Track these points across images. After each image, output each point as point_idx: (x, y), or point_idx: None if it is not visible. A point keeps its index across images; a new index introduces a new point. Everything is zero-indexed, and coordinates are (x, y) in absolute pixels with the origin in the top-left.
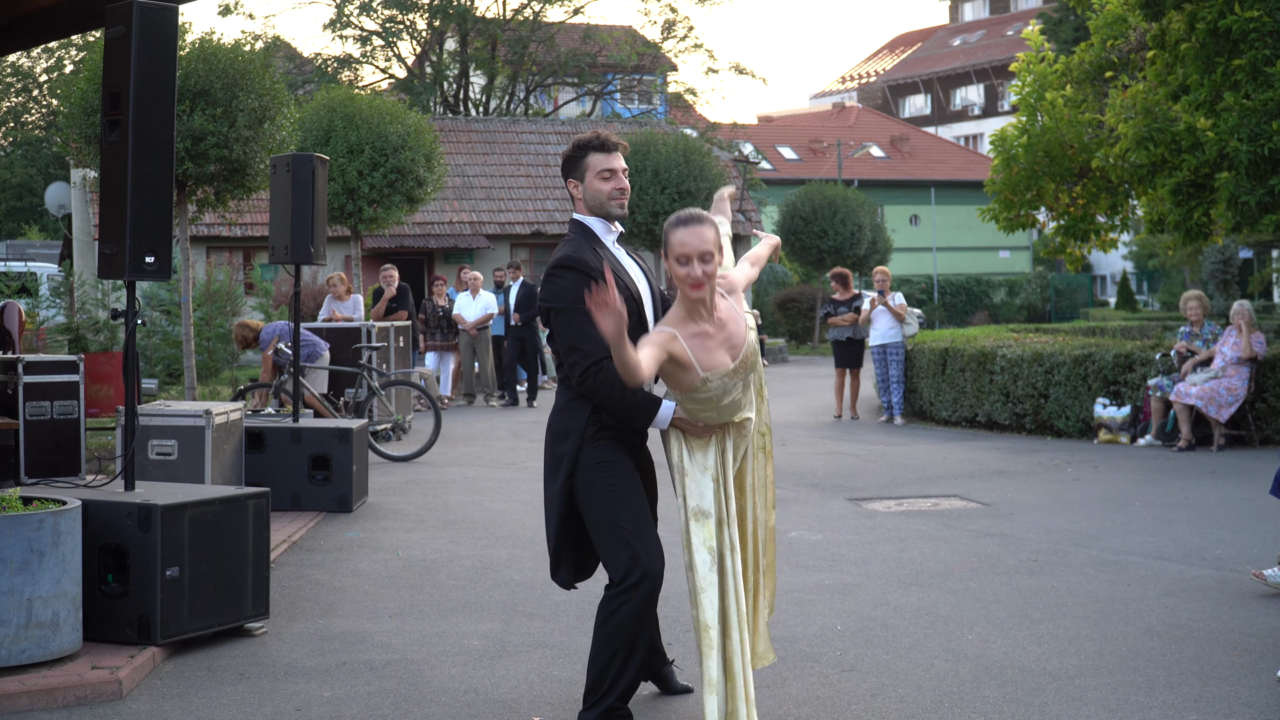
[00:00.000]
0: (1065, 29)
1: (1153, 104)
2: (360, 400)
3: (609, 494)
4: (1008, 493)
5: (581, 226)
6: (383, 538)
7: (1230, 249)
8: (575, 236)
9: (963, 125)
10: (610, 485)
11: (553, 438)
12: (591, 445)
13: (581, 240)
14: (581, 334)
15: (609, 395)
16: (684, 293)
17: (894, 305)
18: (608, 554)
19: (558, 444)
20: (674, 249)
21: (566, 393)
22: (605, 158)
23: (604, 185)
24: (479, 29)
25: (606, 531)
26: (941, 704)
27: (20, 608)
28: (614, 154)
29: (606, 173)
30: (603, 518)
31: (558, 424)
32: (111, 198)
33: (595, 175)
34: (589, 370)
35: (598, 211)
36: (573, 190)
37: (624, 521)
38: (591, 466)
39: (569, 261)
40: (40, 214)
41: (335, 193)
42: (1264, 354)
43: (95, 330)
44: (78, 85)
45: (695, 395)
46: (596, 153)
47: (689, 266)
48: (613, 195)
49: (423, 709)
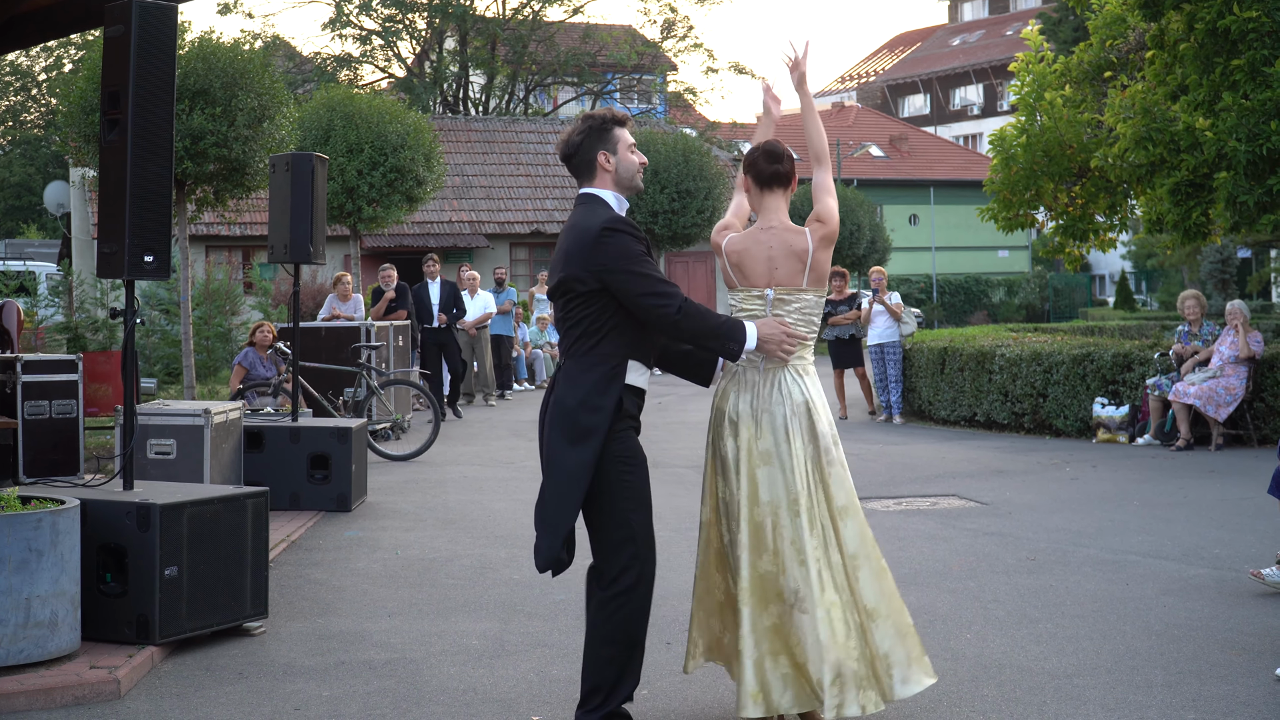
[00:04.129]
0: (1064, 29)
1: (1151, 104)
2: (359, 399)
3: (628, 490)
4: (1006, 492)
5: (599, 200)
6: (382, 537)
7: (1229, 249)
8: (603, 209)
9: (962, 125)
10: (629, 482)
11: (578, 408)
12: (614, 438)
13: (612, 210)
14: (659, 280)
15: (705, 323)
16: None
17: (891, 304)
18: (609, 548)
19: (585, 414)
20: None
21: (592, 366)
22: (627, 132)
23: (634, 158)
24: (479, 28)
25: (616, 527)
26: (940, 703)
27: (18, 607)
28: (629, 130)
29: (633, 146)
30: (617, 511)
31: (584, 398)
32: (110, 197)
33: (627, 148)
34: (684, 305)
35: (626, 184)
36: (603, 163)
37: (635, 521)
38: (615, 460)
39: (618, 224)
40: (39, 213)
41: (334, 192)
42: (1262, 353)
43: (94, 329)
44: (77, 84)
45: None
46: (620, 127)
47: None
48: (639, 169)
49: (421, 708)
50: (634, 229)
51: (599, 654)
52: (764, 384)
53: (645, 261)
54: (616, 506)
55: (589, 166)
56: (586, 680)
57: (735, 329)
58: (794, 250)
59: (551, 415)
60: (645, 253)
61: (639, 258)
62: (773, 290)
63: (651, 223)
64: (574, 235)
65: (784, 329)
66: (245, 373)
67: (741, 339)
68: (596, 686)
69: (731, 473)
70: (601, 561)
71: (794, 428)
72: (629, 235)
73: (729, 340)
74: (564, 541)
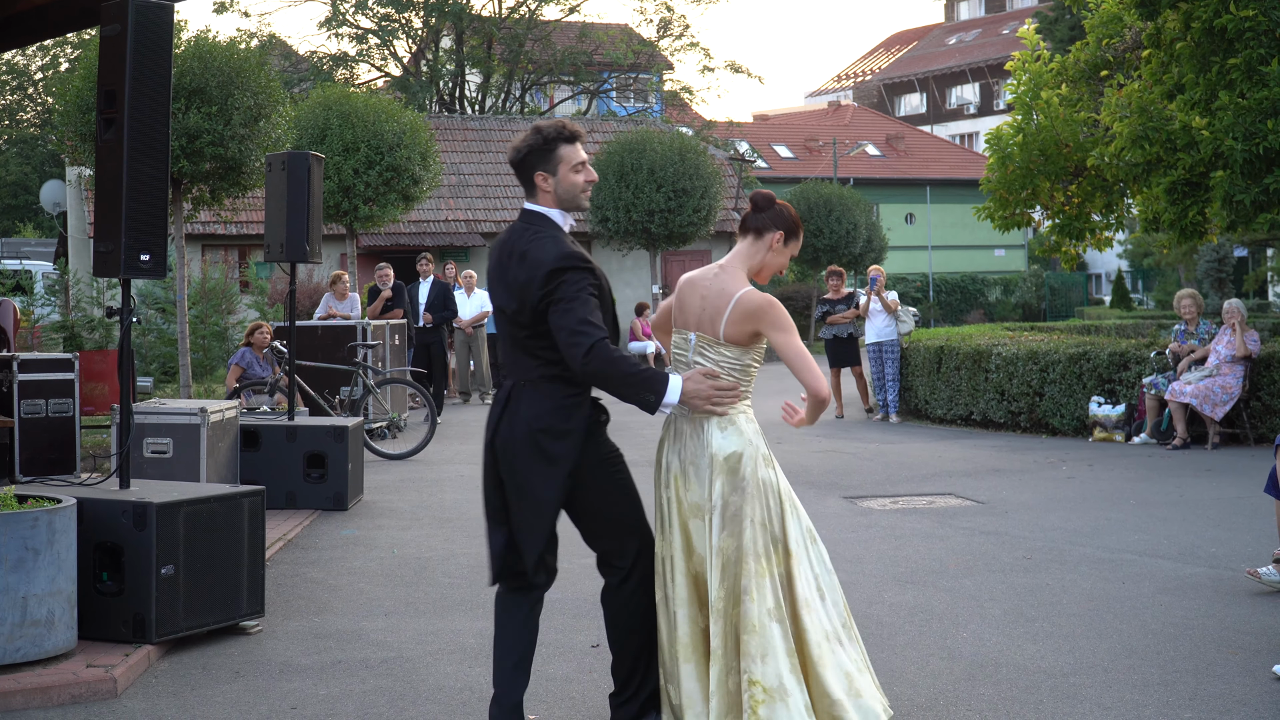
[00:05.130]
0: (1061, 28)
1: (1148, 103)
2: (355, 398)
3: (623, 487)
4: (1003, 491)
5: (544, 218)
6: (378, 536)
7: (1225, 247)
8: (549, 231)
9: (958, 124)
10: (621, 480)
11: (543, 434)
12: (594, 442)
13: (560, 235)
14: (582, 320)
15: (615, 370)
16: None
17: (887, 299)
18: (618, 542)
19: (551, 441)
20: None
21: (557, 390)
22: (575, 149)
23: (577, 178)
24: (475, 27)
25: (619, 524)
26: (936, 702)
27: (15, 606)
28: (580, 145)
29: (579, 165)
30: (617, 509)
31: (548, 422)
32: (107, 195)
33: (569, 168)
34: (595, 348)
35: (568, 204)
36: (540, 183)
37: (634, 512)
38: (602, 462)
39: (569, 262)
40: (35, 212)
41: (331, 191)
42: (1258, 352)
43: (90, 328)
44: (73, 83)
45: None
46: (567, 145)
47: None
48: (585, 189)
49: (418, 707)
50: (584, 263)
51: (628, 644)
52: (692, 434)
53: (581, 299)
54: (617, 503)
55: (529, 183)
56: (619, 671)
57: (653, 381)
58: (724, 295)
59: (516, 439)
60: (592, 287)
61: (578, 295)
62: (695, 335)
63: (648, 221)
64: (526, 267)
65: (712, 384)
66: (242, 372)
67: (660, 391)
68: (633, 672)
69: (666, 525)
70: (616, 555)
71: (714, 480)
72: (580, 271)
73: (643, 391)
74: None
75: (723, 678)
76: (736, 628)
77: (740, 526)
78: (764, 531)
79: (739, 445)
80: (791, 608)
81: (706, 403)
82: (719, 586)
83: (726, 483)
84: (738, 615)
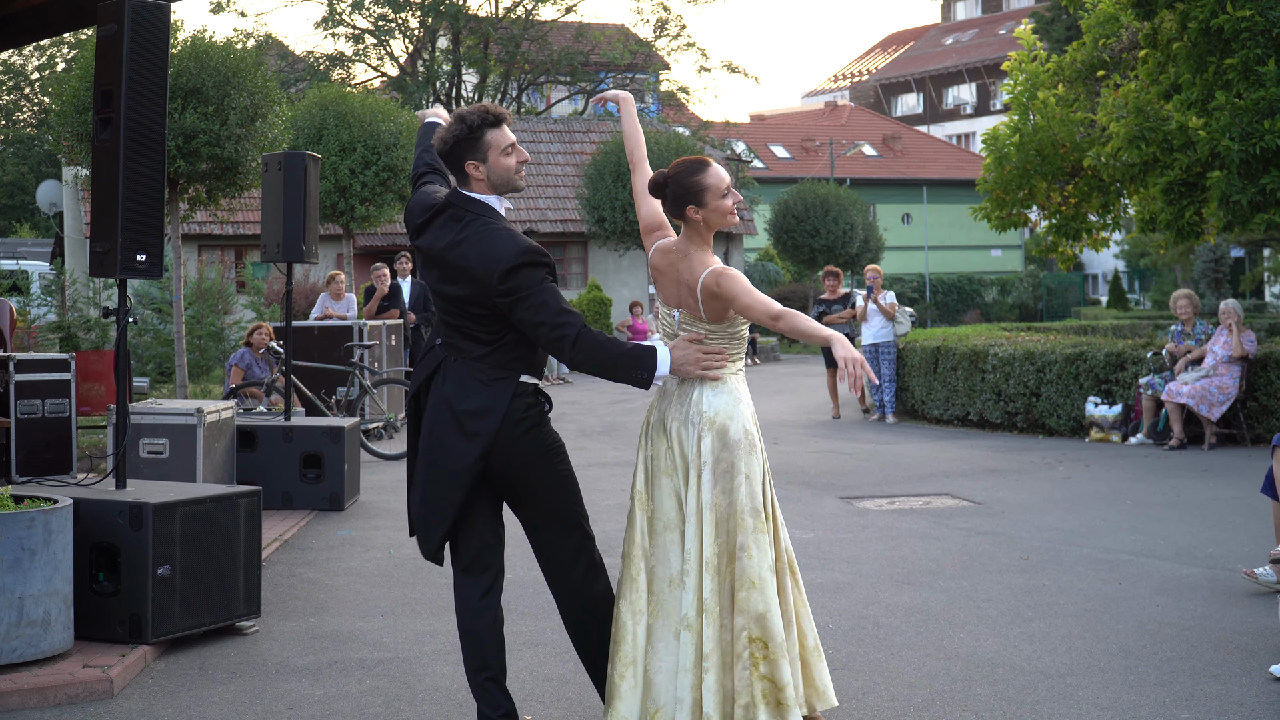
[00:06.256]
0: (1057, 28)
1: (1145, 103)
2: (352, 399)
3: (567, 480)
4: (999, 491)
5: (483, 206)
6: (375, 536)
7: (1222, 248)
8: (495, 222)
9: (955, 124)
10: (565, 474)
11: (463, 413)
12: (539, 432)
13: (510, 226)
14: (557, 310)
15: (604, 353)
16: (722, 223)
17: (884, 304)
18: (560, 538)
19: (470, 420)
20: (717, 185)
21: (485, 370)
22: (502, 132)
23: (509, 161)
24: (471, 27)
25: (561, 520)
26: (933, 702)
27: (11, 606)
28: (506, 126)
29: (509, 148)
30: (558, 503)
31: (470, 400)
32: (103, 195)
33: (499, 153)
34: (580, 335)
35: (503, 188)
36: (473, 171)
37: (579, 508)
38: (545, 452)
39: (527, 258)
40: (32, 212)
41: (327, 191)
42: (1255, 353)
43: (87, 328)
44: (69, 83)
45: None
46: (493, 129)
47: (729, 197)
48: (518, 169)
49: (414, 708)
50: (541, 256)
51: (592, 634)
52: (679, 394)
53: (546, 290)
54: (558, 498)
55: (461, 173)
56: (593, 663)
57: (643, 356)
58: (693, 279)
59: (439, 415)
60: (550, 279)
61: (540, 287)
62: (679, 312)
63: None
64: (479, 261)
65: (700, 349)
66: (243, 374)
67: (651, 366)
68: (599, 656)
69: (650, 479)
70: (556, 549)
71: (704, 437)
72: (536, 267)
73: (636, 369)
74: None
75: (717, 635)
76: (732, 584)
77: (733, 483)
78: (760, 487)
79: (729, 403)
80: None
81: (696, 368)
82: (713, 542)
83: (717, 440)
84: (733, 571)
